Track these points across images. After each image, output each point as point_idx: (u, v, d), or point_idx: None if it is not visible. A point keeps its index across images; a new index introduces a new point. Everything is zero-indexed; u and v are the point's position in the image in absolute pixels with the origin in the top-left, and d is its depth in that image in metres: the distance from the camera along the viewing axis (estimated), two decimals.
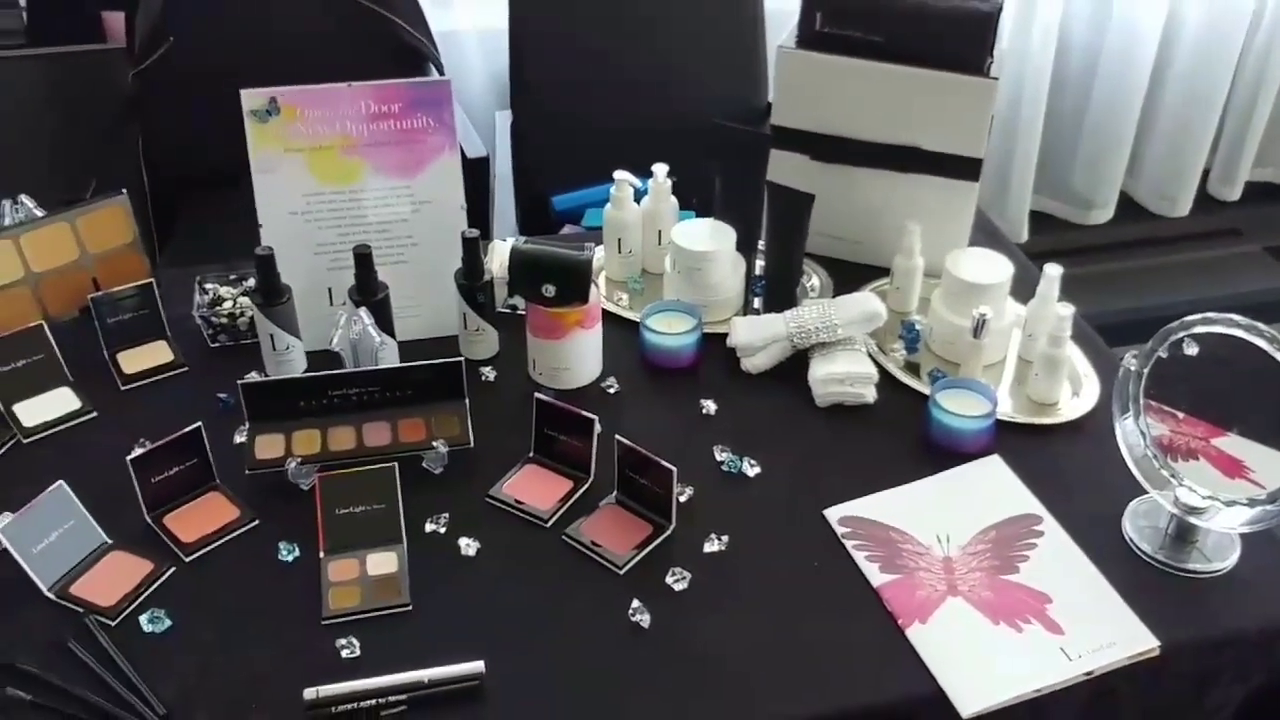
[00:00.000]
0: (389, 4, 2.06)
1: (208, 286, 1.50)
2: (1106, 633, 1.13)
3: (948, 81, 1.49)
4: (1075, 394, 1.42)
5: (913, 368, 1.47)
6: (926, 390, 1.41)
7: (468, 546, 1.21)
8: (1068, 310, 1.37)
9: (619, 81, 2.21)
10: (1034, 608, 1.15)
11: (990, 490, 1.29)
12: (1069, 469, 1.33)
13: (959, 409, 1.33)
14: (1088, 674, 1.10)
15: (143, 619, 1.13)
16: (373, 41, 2.08)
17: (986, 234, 1.68)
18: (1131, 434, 1.22)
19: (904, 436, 1.36)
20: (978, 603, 1.16)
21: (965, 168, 1.54)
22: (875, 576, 1.18)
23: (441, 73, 2.13)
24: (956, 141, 1.52)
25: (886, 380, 1.43)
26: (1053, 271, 1.43)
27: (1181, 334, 1.18)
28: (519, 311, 1.51)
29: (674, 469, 1.19)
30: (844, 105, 1.55)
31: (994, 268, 1.46)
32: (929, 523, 1.24)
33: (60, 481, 1.19)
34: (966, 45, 1.49)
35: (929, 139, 1.53)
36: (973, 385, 1.37)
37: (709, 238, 1.50)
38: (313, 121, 1.38)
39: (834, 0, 1.53)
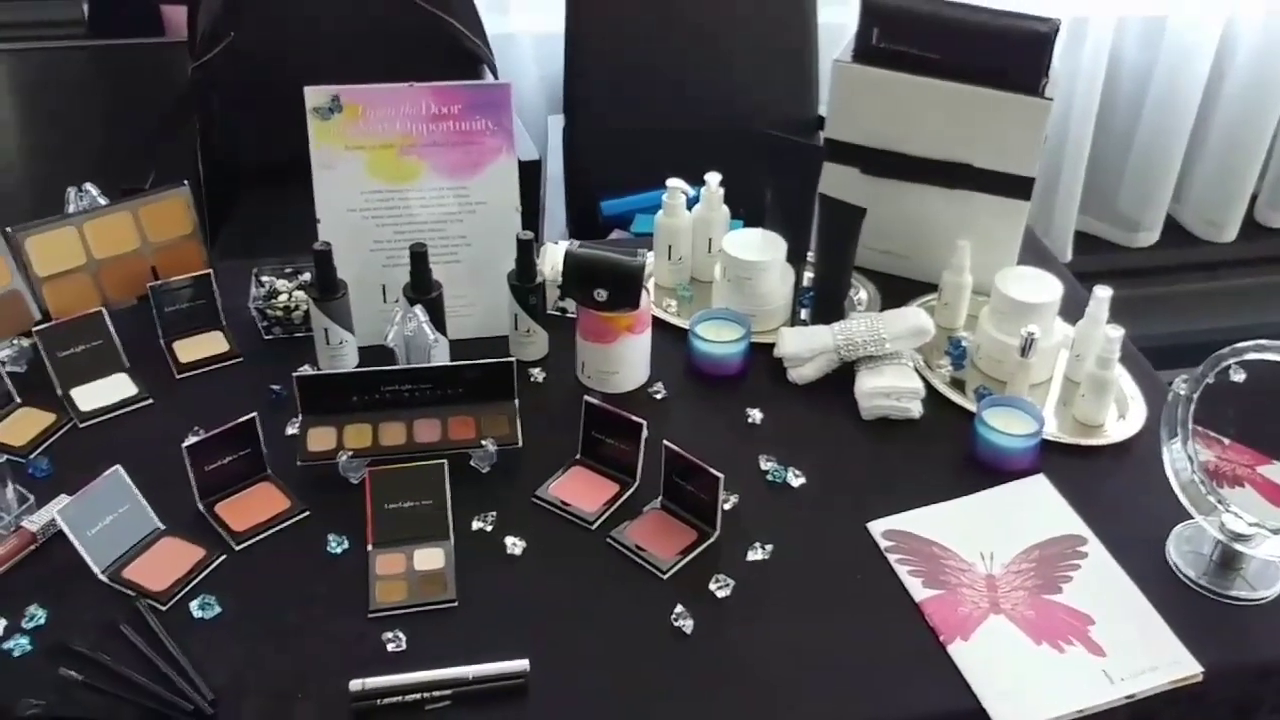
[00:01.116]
0: (446, 6, 2.08)
1: (264, 279, 1.52)
2: (1149, 657, 1.12)
3: (1002, 100, 1.49)
4: (1121, 416, 1.41)
5: (958, 384, 1.47)
6: (972, 407, 1.41)
7: (514, 545, 1.22)
8: (1117, 332, 1.37)
9: (671, 89, 2.22)
10: (1076, 629, 1.15)
11: (1035, 509, 1.29)
12: (1114, 491, 1.32)
13: (1005, 427, 1.33)
14: (1129, 697, 1.09)
15: (193, 605, 1.15)
16: (429, 43, 2.10)
17: (1035, 253, 1.67)
18: (1179, 459, 1.22)
19: (948, 452, 1.37)
20: (1020, 621, 1.16)
21: (1017, 186, 1.54)
22: (918, 591, 1.19)
23: (496, 76, 2.15)
24: (1009, 160, 1.53)
25: (932, 396, 1.44)
26: (1102, 293, 1.43)
27: (1231, 360, 1.18)
28: (569, 314, 1.52)
29: (721, 476, 1.20)
30: (897, 120, 1.55)
31: (1043, 287, 1.46)
32: (973, 539, 1.24)
33: (117, 466, 1.21)
34: (1023, 64, 1.49)
35: (981, 156, 1.54)
36: (1019, 404, 1.37)
37: (760, 248, 1.51)
38: (373, 120, 1.40)
39: (891, 15, 1.54)
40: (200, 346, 1.47)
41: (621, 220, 2.08)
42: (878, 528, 1.26)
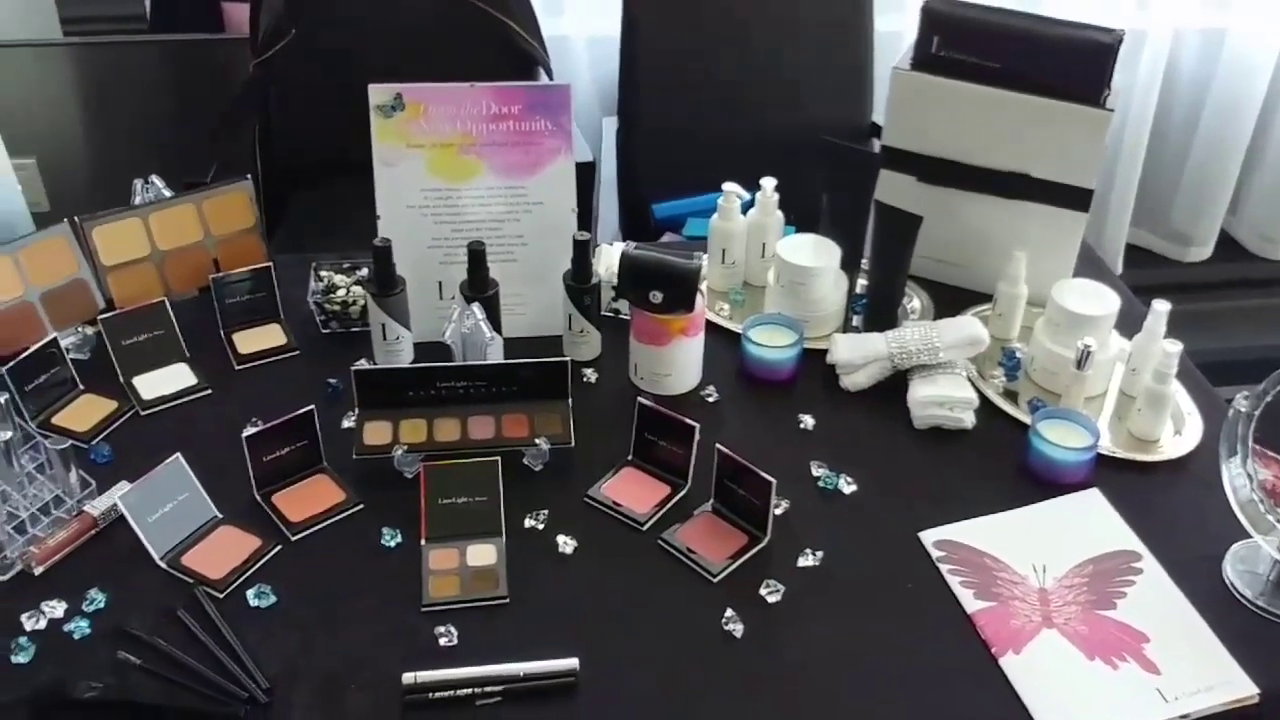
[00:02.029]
0: (504, 7, 2.10)
1: (322, 274, 1.54)
2: (1204, 676, 1.11)
3: (1063, 111, 1.48)
4: (1177, 432, 1.40)
5: (1011, 395, 1.46)
6: (1025, 418, 1.40)
7: (565, 544, 1.23)
8: (1175, 347, 1.35)
9: (725, 94, 2.22)
10: (1130, 646, 1.14)
11: (1089, 524, 1.28)
12: (1169, 508, 1.31)
13: (1060, 440, 1.32)
14: (1183, 717, 1.08)
15: (249, 593, 1.16)
16: (486, 43, 2.12)
17: (1090, 265, 1.66)
18: (1238, 476, 1.20)
19: (1001, 463, 1.36)
20: (1073, 636, 1.15)
21: (1075, 198, 1.53)
22: (969, 603, 1.18)
23: (551, 77, 2.16)
24: (1068, 171, 1.51)
25: (984, 406, 1.43)
26: (1160, 307, 1.41)
27: None
28: (622, 315, 1.53)
29: (774, 481, 1.20)
30: (956, 129, 1.54)
31: (1100, 300, 1.44)
32: (1025, 552, 1.24)
33: (177, 454, 1.23)
34: (1084, 75, 1.48)
35: (1040, 167, 1.52)
36: (1074, 417, 1.36)
37: (814, 253, 1.50)
38: (435, 119, 1.41)
39: (952, 24, 1.53)
40: (259, 338, 1.49)
41: (673, 223, 2.08)
42: (929, 537, 1.25)
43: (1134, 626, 1.16)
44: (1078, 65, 1.48)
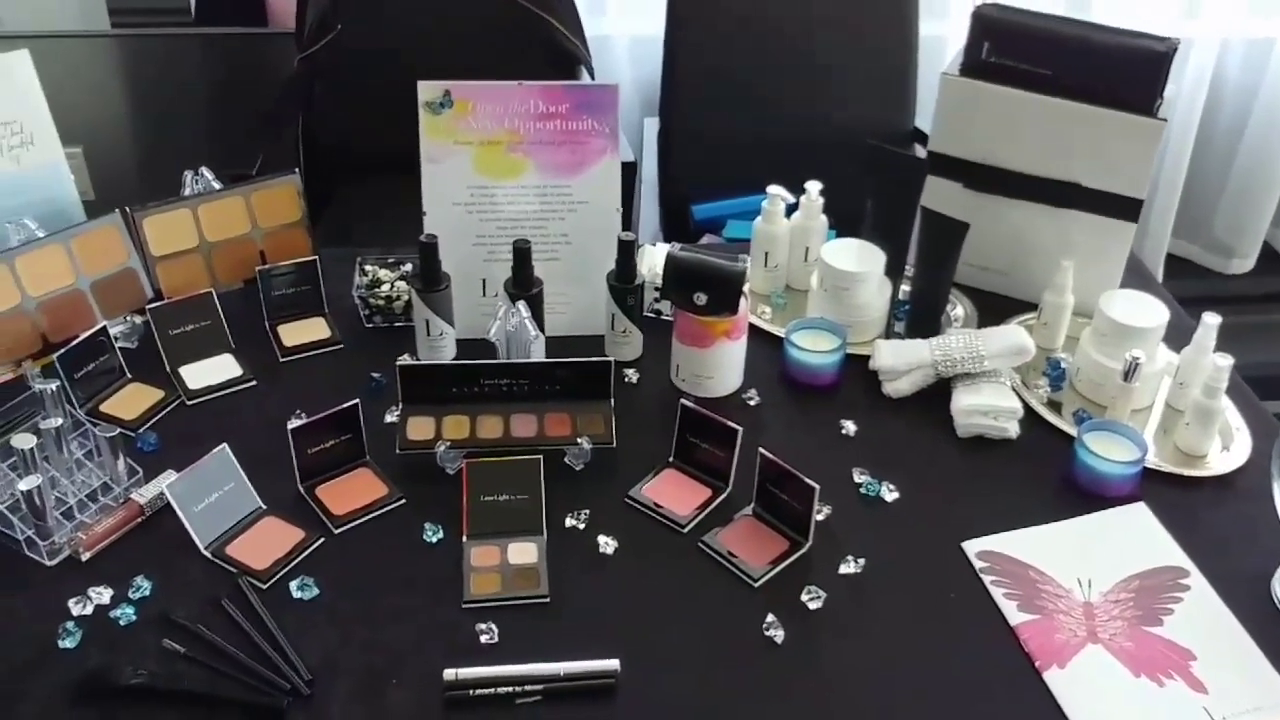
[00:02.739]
0: (548, 6, 2.10)
1: (367, 268, 1.54)
2: (1252, 696, 1.10)
3: (1115, 120, 1.46)
4: (1225, 448, 1.38)
5: (1055, 406, 1.45)
6: (1069, 429, 1.39)
7: (606, 544, 1.22)
8: (1226, 361, 1.34)
9: (767, 96, 2.22)
10: (1177, 663, 1.13)
11: (1135, 538, 1.26)
12: (1217, 524, 1.29)
13: (1106, 452, 1.31)
14: None
15: (292, 585, 1.17)
16: (529, 42, 2.12)
17: (1137, 275, 1.64)
18: None
19: (1045, 474, 1.34)
20: (1118, 652, 1.13)
21: (1124, 207, 1.51)
22: (1013, 615, 1.17)
23: (593, 76, 2.16)
24: (1118, 180, 1.50)
25: (1028, 416, 1.41)
26: (1211, 320, 1.39)
27: None
28: (664, 316, 1.53)
29: (817, 486, 1.19)
30: (1004, 136, 1.53)
31: (1148, 311, 1.43)
32: (1070, 565, 1.22)
33: (224, 445, 1.24)
34: (1137, 84, 1.47)
35: (1089, 176, 1.51)
36: (1121, 429, 1.34)
37: (858, 258, 1.50)
38: (483, 116, 1.42)
39: (1003, 29, 1.52)
40: (303, 331, 1.49)
41: (713, 225, 2.08)
42: (972, 548, 1.24)
43: (1180, 644, 1.14)
44: (1131, 74, 1.47)
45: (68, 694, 1.06)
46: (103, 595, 1.15)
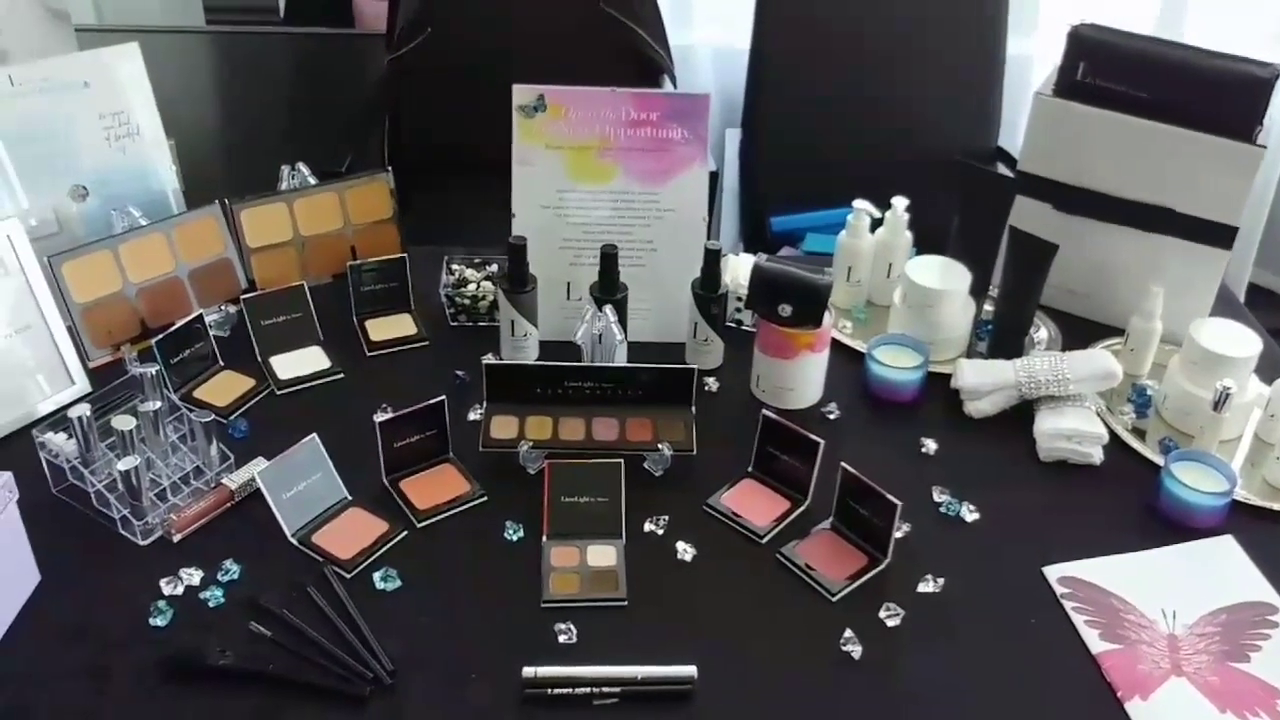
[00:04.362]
0: (634, 15, 2.12)
1: (454, 267, 1.57)
2: None
3: (1212, 145, 1.44)
4: None
5: (1139, 433, 1.43)
6: (1153, 457, 1.37)
7: (684, 551, 1.23)
8: None
9: (850, 110, 2.21)
10: (1264, 701, 1.10)
11: (1222, 571, 1.24)
12: None
13: (1194, 483, 1.28)
14: None
15: (376, 576, 1.19)
16: (613, 48, 2.14)
17: (1227, 305, 1.61)
18: None
19: (1129, 502, 1.33)
20: (1203, 687, 1.11)
21: (1218, 234, 1.49)
22: (1094, 643, 1.15)
23: (675, 85, 2.17)
24: (1213, 207, 1.48)
25: (1111, 442, 1.39)
26: None
27: None
28: (744, 326, 1.53)
29: (899, 503, 1.18)
30: (1097, 158, 1.52)
31: (1240, 341, 1.40)
32: (1155, 596, 1.21)
33: (313, 435, 1.26)
34: (1237, 110, 1.45)
35: (1183, 201, 1.49)
36: (1210, 460, 1.32)
37: (943, 276, 1.49)
38: (575, 121, 1.43)
39: (1100, 50, 1.51)
40: (390, 327, 1.52)
41: (790, 237, 2.08)
42: (1054, 573, 1.23)
43: (1269, 682, 1.12)
44: (1231, 99, 1.45)
45: (158, 670, 1.08)
46: (193, 576, 1.17)
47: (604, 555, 1.21)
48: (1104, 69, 1.51)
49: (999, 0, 2.18)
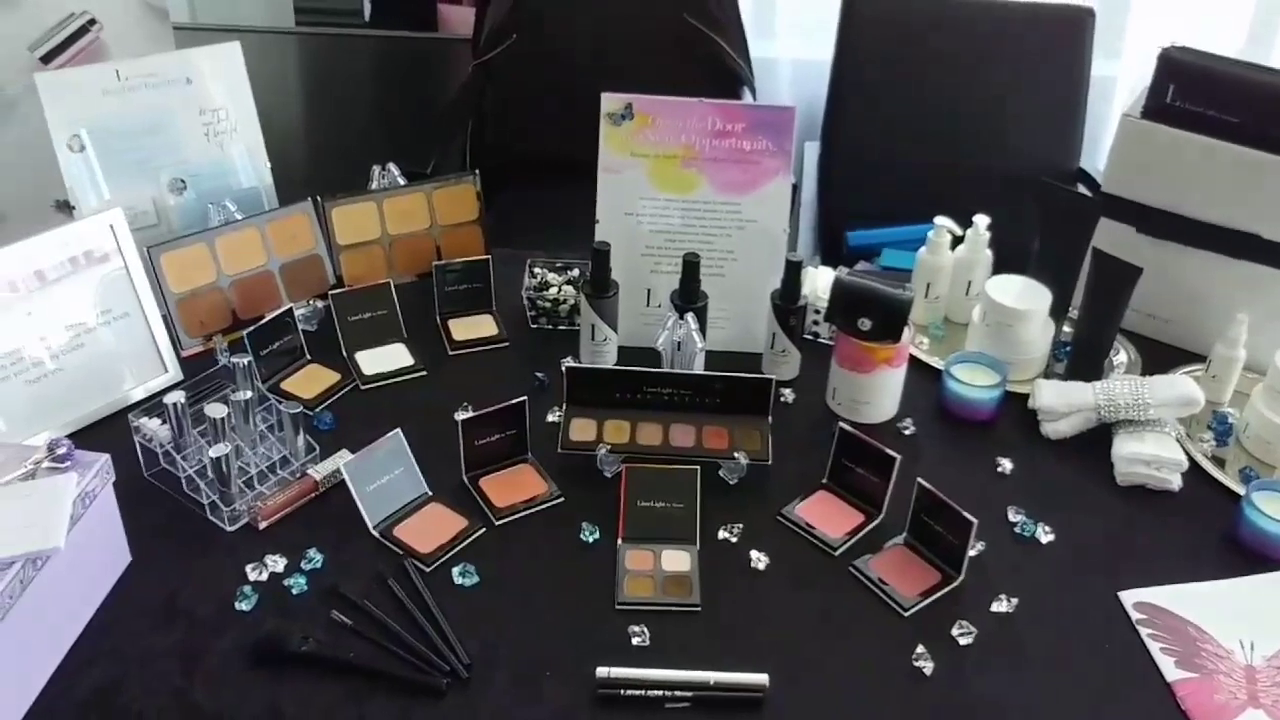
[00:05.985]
0: (717, 27, 2.13)
1: (536, 270, 1.59)
2: None
3: None
4: None
5: (1219, 461, 1.41)
6: (1233, 485, 1.35)
7: (758, 559, 1.24)
8: None
9: (931, 127, 2.21)
10: None
11: None
12: None
13: (1275, 513, 1.27)
14: None
15: (454, 571, 1.21)
16: (695, 59, 2.16)
17: None
18: None
19: (1207, 530, 1.31)
20: None
21: None
22: (1170, 671, 1.14)
23: (754, 97, 2.18)
24: None
25: (1190, 469, 1.38)
26: None
27: None
28: (821, 339, 1.53)
29: (975, 521, 1.18)
30: (1184, 181, 1.50)
31: None
32: (1232, 626, 1.19)
33: (397, 430, 1.29)
34: None
35: (1271, 228, 1.47)
36: None
37: (1023, 295, 1.48)
38: (661, 130, 1.45)
39: (1191, 73, 1.49)
40: (472, 327, 1.55)
41: (866, 252, 2.07)
42: (1130, 598, 1.22)
43: None
44: None
45: (243, 654, 1.12)
46: (277, 563, 1.21)
47: (678, 560, 1.23)
48: (1193, 92, 1.49)
49: (1086, 22, 2.17)
